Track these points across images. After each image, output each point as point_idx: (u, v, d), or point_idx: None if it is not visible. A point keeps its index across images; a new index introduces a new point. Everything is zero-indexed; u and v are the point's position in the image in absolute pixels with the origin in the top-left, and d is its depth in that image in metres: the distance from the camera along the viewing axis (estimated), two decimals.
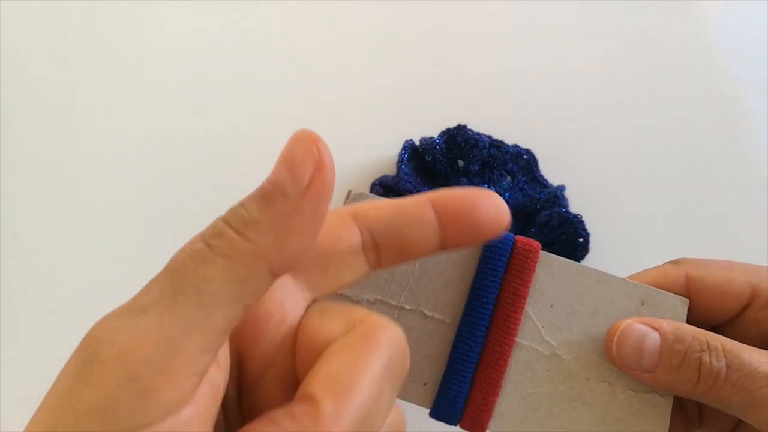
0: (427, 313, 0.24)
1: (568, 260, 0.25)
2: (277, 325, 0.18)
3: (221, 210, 0.41)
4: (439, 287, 0.25)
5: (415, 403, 0.24)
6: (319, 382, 0.16)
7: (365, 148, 0.41)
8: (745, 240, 0.40)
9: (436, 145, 0.38)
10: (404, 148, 0.39)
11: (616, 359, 0.23)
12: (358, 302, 0.24)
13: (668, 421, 0.24)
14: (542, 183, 0.40)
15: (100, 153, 0.41)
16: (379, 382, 0.17)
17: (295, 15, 0.46)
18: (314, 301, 0.20)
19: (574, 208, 0.39)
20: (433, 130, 0.39)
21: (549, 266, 0.25)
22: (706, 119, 0.43)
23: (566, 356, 0.24)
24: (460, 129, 0.39)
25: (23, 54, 0.44)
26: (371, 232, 0.20)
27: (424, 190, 0.38)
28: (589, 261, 0.38)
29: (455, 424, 0.24)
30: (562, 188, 0.39)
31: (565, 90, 0.44)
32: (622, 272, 0.38)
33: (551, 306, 0.25)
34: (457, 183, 0.39)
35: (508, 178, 0.40)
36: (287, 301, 0.19)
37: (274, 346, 0.18)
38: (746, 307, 0.25)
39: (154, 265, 0.41)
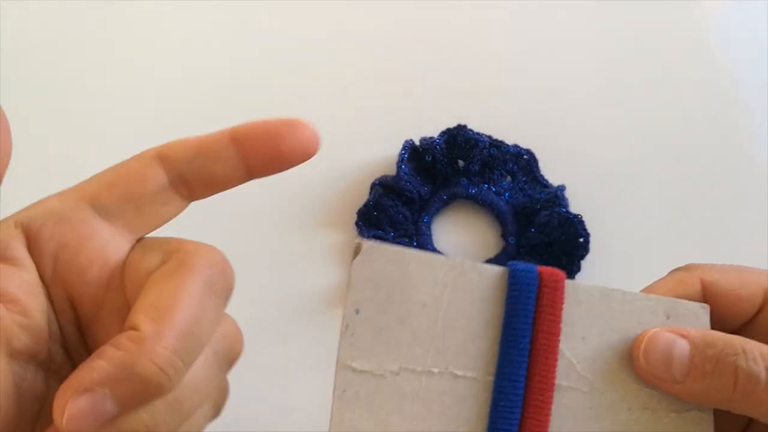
0: (458, 373, 0.22)
1: (591, 284, 0.23)
2: (100, 267, 0.20)
3: (220, 209, 0.41)
4: (466, 341, 0.22)
5: None
6: (140, 311, 0.18)
7: (365, 148, 0.41)
8: (745, 240, 0.40)
9: (436, 145, 0.38)
10: (404, 148, 0.39)
11: (644, 370, 0.22)
12: (381, 376, 0.21)
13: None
14: (542, 183, 0.40)
15: (101, 153, 0.41)
16: (199, 300, 0.18)
17: (295, 15, 0.46)
18: (139, 240, 0.22)
19: (574, 208, 0.39)
20: (433, 130, 0.39)
21: (575, 295, 0.23)
22: (706, 119, 0.43)
23: (605, 389, 0.23)
24: (460, 129, 0.39)
25: (23, 54, 0.44)
26: (177, 170, 0.22)
27: (425, 190, 0.38)
28: (589, 261, 0.38)
29: None
30: (562, 188, 0.39)
31: (566, 90, 0.44)
32: (622, 272, 0.38)
33: (583, 338, 0.23)
34: (457, 183, 0.39)
35: (508, 178, 0.40)
36: (108, 245, 0.21)
37: (101, 287, 0.20)
38: (759, 311, 0.24)
39: None
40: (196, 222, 0.39)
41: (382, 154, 0.40)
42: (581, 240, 0.37)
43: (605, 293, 0.23)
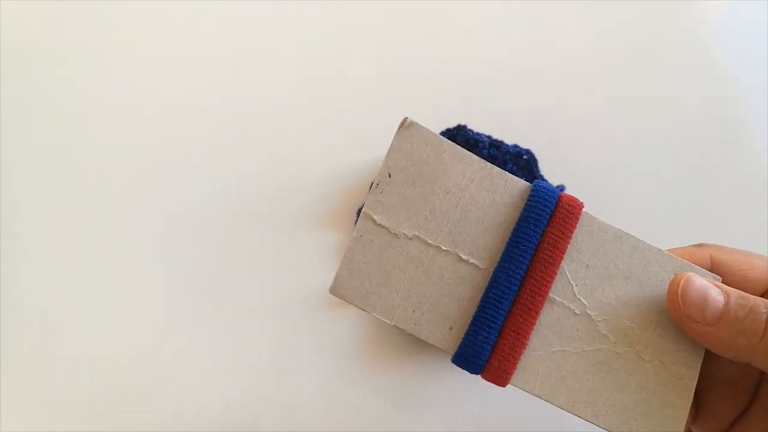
0: (463, 257, 0.24)
1: (608, 224, 0.25)
2: None
3: (221, 211, 0.41)
4: (478, 231, 0.24)
5: (439, 347, 0.24)
6: None
7: (365, 147, 0.41)
8: (745, 239, 0.40)
9: None
10: None
11: (678, 309, 0.23)
12: (395, 235, 0.24)
13: (692, 394, 0.24)
14: None
15: (101, 153, 0.41)
16: None
17: (295, 15, 0.46)
18: None
19: None
20: (434, 130, 0.39)
21: (589, 226, 0.25)
22: (706, 119, 0.43)
23: (597, 318, 0.24)
24: (460, 129, 0.39)
25: (23, 54, 0.44)
26: None
27: None
28: None
29: (477, 373, 0.24)
30: (562, 188, 0.39)
31: (566, 90, 0.44)
32: None
33: (587, 266, 0.25)
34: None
35: None
36: None
37: None
38: (764, 293, 0.25)
39: (154, 265, 0.41)
40: (196, 222, 0.39)
41: (382, 154, 0.40)
42: None
43: (620, 235, 0.25)
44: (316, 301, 0.37)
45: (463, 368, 0.24)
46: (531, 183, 0.25)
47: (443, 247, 0.24)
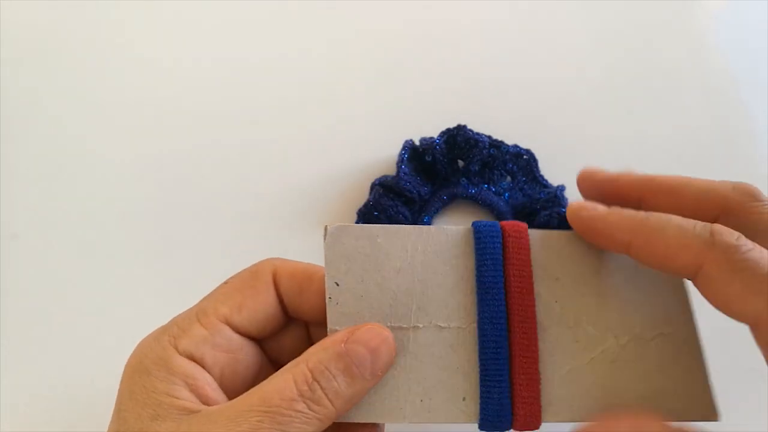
0: (442, 325, 0.24)
1: (554, 231, 0.25)
2: (254, 377, 0.25)
3: (221, 212, 0.41)
4: (444, 295, 0.24)
5: (461, 422, 0.23)
6: None
7: (365, 148, 0.41)
8: None
9: (436, 145, 0.38)
10: (404, 148, 0.39)
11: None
12: None
13: (701, 346, 0.24)
14: (542, 183, 0.40)
15: (101, 153, 0.41)
16: None
17: (295, 16, 0.46)
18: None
19: None
20: (433, 130, 0.39)
21: (540, 242, 0.25)
22: (706, 119, 0.43)
23: (588, 322, 0.24)
24: (460, 129, 0.39)
25: (23, 54, 0.44)
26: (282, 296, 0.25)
27: (425, 190, 0.38)
28: None
29: (508, 429, 0.23)
30: (562, 188, 0.39)
31: (565, 90, 0.44)
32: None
33: (557, 279, 0.24)
34: (457, 183, 0.39)
35: (508, 178, 0.40)
36: (249, 355, 0.25)
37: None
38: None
39: (154, 265, 0.41)
40: (196, 222, 0.39)
41: (382, 154, 0.40)
42: None
43: (570, 237, 0.25)
44: None
45: (492, 431, 0.23)
46: (471, 226, 0.25)
47: (420, 325, 0.24)
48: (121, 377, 0.23)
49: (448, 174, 0.39)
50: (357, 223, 0.38)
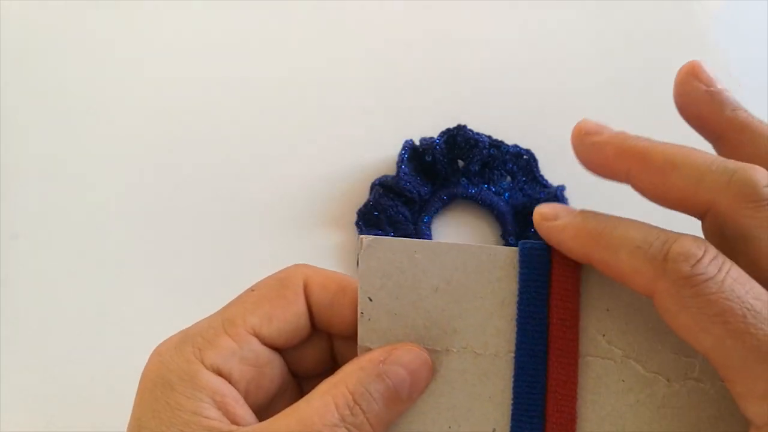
0: (478, 351, 0.22)
1: None
2: (280, 393, 0.24)
3: (221, 212, 0.41)
4: (482, 320, 0.22)
5: None
6: None
7: (365, 148, 0.41)
8: None
9: (436, 145, 0.38)
10: (404, 148, 0.39)
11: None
12: None
13: None
14: (542, 183, 0.40)
15: (101, 153, 0.41)
16: None
17: (294, 15, 0.46)
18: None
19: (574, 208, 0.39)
20: (433, 130, 0.39)
21: (592, 268, 0.22)
22: None
23: (637, 360, 0.22)
24: (460, 129, 0.39)
25: (23, 54, 0.44)
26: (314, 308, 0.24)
27: (425, 190, 0.38)
28: None
29: None
30: (562, 188, 0.39)
31: (565, 90, 0.44)
32: None
33: (607, 309, 0.22)
34: (457, 183, 0.39)
35: (508, 178, 0.40)
36: (277, 369, 0.24)
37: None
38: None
39: (154, 265, 0.41)
40: (196, 222, 0.39)
41: (382, 154, 0.40)
42: None
43: None
44: None
45: None
46: (516, 245, 0.23)
47: (454, 350, 0.22)
48: (138, 389, 0.22)
49: (448, 174, 0.39)
50: (357, 223, 0.38)
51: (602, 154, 0.23)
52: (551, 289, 0.22)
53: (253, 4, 0.46)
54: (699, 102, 0.25)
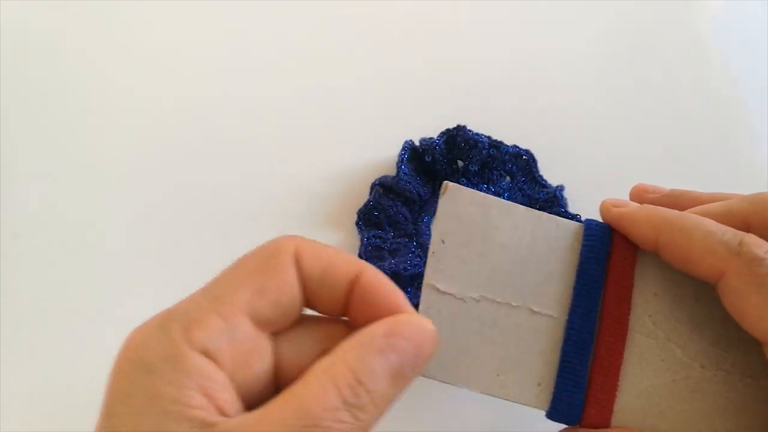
0: (535, 309, 0.24)
1: None
2: (268, 376, 0.21)
3: (221, 212, 0.41)
4: (542, 281, 0.24)
5: (531, 406, 0.23)
6: None
7: (365, 148, 0.41)
8: None
9: (436, 145, 0.38)
10: (404, 148, 0.39)
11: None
12: (462, 300, 0.23)
13: None
14: (541, 183, 0.40)
15: (101, 153, 0.41)
16: None
17: (294, 16, 0.46)
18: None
19: (572, 208, 0.39)
20: (433, 130, 0.39)
21: (648, 254, 0.24)
22: (705, 119, 0.43)
23: (678, 345, 0.23)
24: (460, 129, 0.39)
25: (23, 54, 0.44)
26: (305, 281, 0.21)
27: (425, 191, 0.38)
28: None
29: (575, 424, 0.23)
30: (561, 188, 0.39)
31: (565, 90, 0.44)
32: None
33: (655, 294, 0.24)
34: (456, 183, 0.39)
35: (508, 178, 0.40)
36: (267, 352, 0.21)
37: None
38: None
39: (154, 265, 0.41)
40: (196, 222, 0.39)
41: (382, 154, 0.40)
42: None
43: None
44: None
45: (559, 422, 0.23)
46: (581, 222, 0.25)
47: (513, 303, 0.24)
48: (112, 372, 0.19)
49: (448, 174, 0.39)
50: (357, 223, 0.38)
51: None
52: (609, 266, 0.24)
53: (253, 4, 0.46)
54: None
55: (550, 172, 0.40)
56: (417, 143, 0.39)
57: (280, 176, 0.40)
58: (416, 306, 0.22)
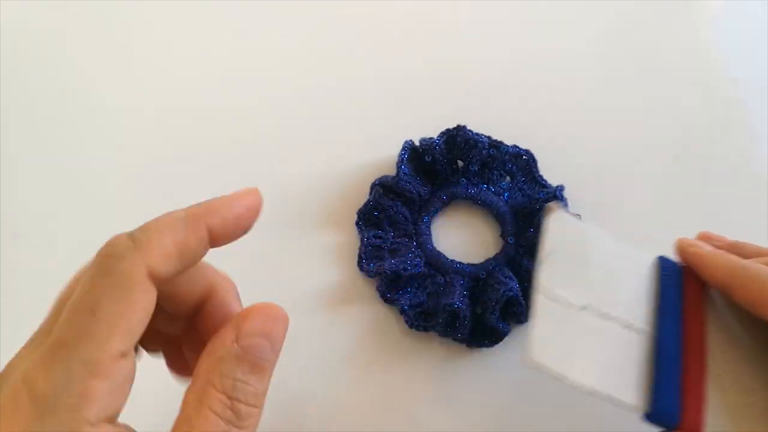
0: (631, 322, 0.26)
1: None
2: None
3: None
4: (631, 300, 0.27)
5: (632, 403, 0.24)
6: None
7: (365, 148, 0.41)
8: (745, 240, 0.40)
9: (436, 145, 0.38)
10: (404, 148, 0.39)
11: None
12: (570, 306, 0.26)
13: None
14: (541, 183, 0.40)
15: (101, 153, 0.41)
16: None
17: (294, 16, 0.46)
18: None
19: (573, 208, 0.39)
20: (433, 130, 0.39)
21: (712, 289, 0.27)
22: (705, 119, 0.43)
23: (743, 373, 0.26)
24: (460, 129, 0.39)
25: (23, 54, 0.45)
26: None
27: (425, 191, 0.38)
28: None
29: (674, 428, 0.24)
30: (561, 188, 0.39)
31: (565, 90, 0.44)
32: None
33: (724, 325, 0.27)
34: (456, 183, 0.39)
35: (508, 178, 0.40)
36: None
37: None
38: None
39: None
40: None
41: (382, 154, 0.40)
42: None
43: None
44: (316, 301, 0.37)
45: (659, 425, 0.24)
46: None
47: (613, 314, 0.26)
48: None
49: (448, 174, 0.39)
50: (357, 223, 0.38)
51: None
52: (684, 295, 0.27)
53: (253, 4, 0.46)
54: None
55: (550, 172, 0.40)
56: (417, 143, 0.39)
57: (280, 176, 0.40)
58: (421, 308, 0.23)
